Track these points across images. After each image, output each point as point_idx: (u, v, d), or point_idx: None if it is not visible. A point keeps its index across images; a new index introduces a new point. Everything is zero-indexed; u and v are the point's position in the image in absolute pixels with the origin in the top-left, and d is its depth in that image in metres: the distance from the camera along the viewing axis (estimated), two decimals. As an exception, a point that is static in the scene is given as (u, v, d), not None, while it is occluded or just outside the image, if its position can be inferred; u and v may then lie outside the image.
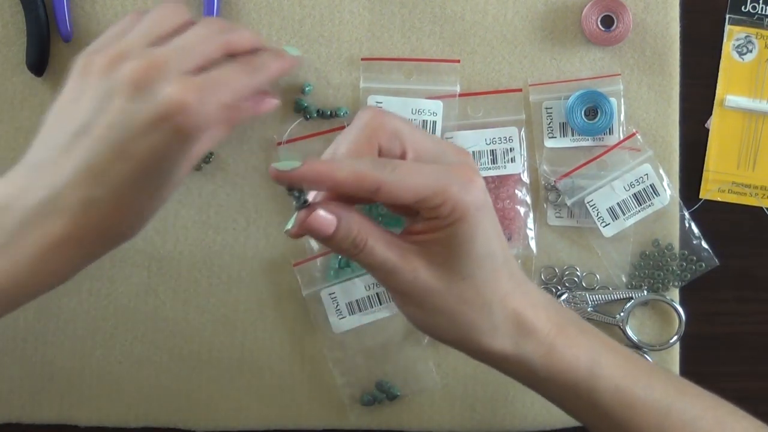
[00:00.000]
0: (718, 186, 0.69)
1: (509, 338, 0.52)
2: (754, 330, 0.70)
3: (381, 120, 0.51)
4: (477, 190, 0.49)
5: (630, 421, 0.52)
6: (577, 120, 0.67)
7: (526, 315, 0.52)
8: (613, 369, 0.53)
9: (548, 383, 0.53)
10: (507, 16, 0.68)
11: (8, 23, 0.67)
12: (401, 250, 0.50)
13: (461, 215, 0.49)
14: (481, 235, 0.50)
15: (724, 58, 0.69)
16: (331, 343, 0.68)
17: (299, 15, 0.68)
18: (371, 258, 0.50)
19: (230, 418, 0.69)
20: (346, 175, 0.48)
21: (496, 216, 0.52)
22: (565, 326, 0.53)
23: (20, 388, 0.68)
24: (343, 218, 0.49)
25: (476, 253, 0.50)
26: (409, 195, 0.48)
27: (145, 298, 0.68)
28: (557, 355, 0.52)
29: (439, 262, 0.50)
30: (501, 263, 0.52)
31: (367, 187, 0.48)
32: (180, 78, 0.50)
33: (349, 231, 0.49)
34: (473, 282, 0.51)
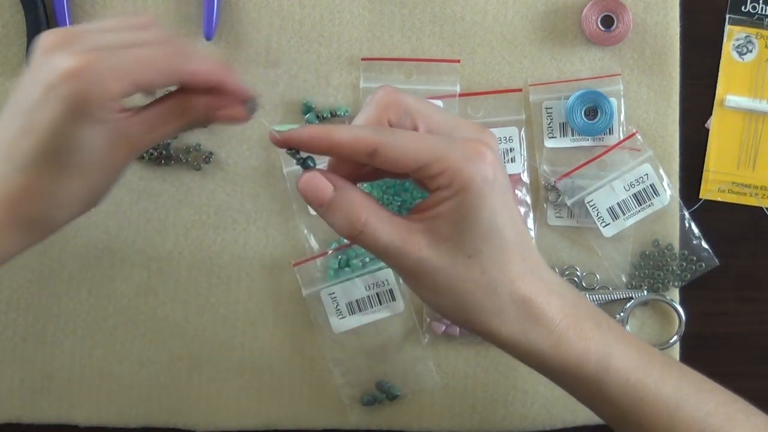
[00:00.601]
0: (718, 186, 0.69)
1: (517, 324, 0.51)
2: (754, 330, 0.70)
3: (393, 97, 0.50)
4: (484, 164, 0.48)
5: (640, 414, 0.52)
6: (577, 120, 0.67)
7: (537, 302, 0.51)
8: (625, 362, 0.52)
9: (558, 373, 0.52)
10: (507, 16, 0.68)
11: (8, 23, 0.67)
12: (404, 230, 0.49)
13: (463, 186, 0.48)
14: (486, 209, 0.48)
15: (724, 58, 0.69)
16: (331, 343, 0.68)
17: (299, 15, 0.68)
18: (373, 240, 0.49)
19: (230, 418, 0.69)
20: (343, 135, 0.48)
21: (511, 197, 0.50)
22: (579, 318, 0.52)
23: (20, 388, 0.68)
24: (341, 188, 0.49)
25: (481, 227, 0.49)
26: (407, 160, 0.48)
27: (145, 298, 0.68)
28: (567, 346, 0.51)
29: (443, 239, 0.49)
30: (512, 244, 0.50)
31: (364, 148, 0.48)
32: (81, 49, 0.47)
33: (346, 204, 0.49)
34: (479, 260, 0.49)
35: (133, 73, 0.48)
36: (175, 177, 0.68)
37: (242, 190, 0.68)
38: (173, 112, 0.51)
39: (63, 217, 0.51)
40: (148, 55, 0.49)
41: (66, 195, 0.50)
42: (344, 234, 0.50)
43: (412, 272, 0.50)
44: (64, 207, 0.50)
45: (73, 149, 0.48)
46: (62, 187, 0.49)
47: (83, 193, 0.50)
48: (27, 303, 0.68)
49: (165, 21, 0.67)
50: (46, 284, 0.68)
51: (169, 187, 0.68)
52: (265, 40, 0.68)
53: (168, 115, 0.51)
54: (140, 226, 0.68)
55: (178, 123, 0.51)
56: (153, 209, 0.68)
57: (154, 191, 0.68)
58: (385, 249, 0.49)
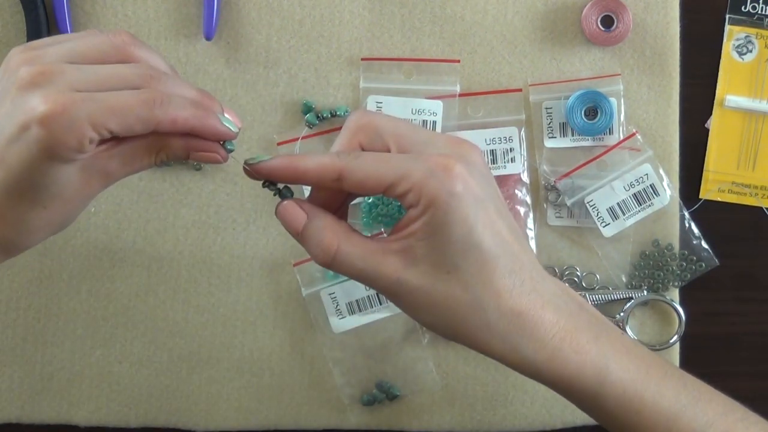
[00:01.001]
0: (718, 186, 0.69)
1: (507, 339, 0.50)
2: (754, 330, 0.70)
3: (363, 120, 0.51)
4: (450, 179, 0.48)
5: (637, 427, 0.52)
6: (577, 120, 0.67)
7: (529, 315, 0.50)
8: (622, 374, 0.51)
9: (553, 386, 0.52)
10: (507, 16, 0.68)
11: (8, 23, 0.67)
12: (379, 253, 0.50)
13: (431, 202, 0.48)
14: (458, 223, 0.48)
15: (724, 58, 0.69)
16: (331, 343, 0.68)
17: (299, 15, 0.68)
18: (347, 265, 0.50)
19: (230, 418, 0.69)
20: (308, 163, 0.49)
21: (494, 209, 0.50)
22: (575, 330, 0.51)
23: (20, 388, 0.68)
24: (313, 217, 0.50)
25: (455, 242, 0.48)
26: (372, 182, 0.48)
27: (145, 298, 0.68)
28: (561, 360, 0.51)
29: (420, 258, 0.49)
30: (493, 257, 0.49)
31: (329, 174, 0.48)
32: (58, 89, 0.46)
33: (317, 231, 0.49)
34: (459, 276, 0.49)
35: (108, 121, 0.47)
36: (175, 177, 0.68)
37: (242, 190, 0.68)
38: (150, 149, 0.50)
39: (33, 240, 0.50)
40: (126, 102, 0.47)
41: (37, 223, 0.49)
42: (319, 261, 0.50)
43: (392, 293, 0.50)
44: (35, 232, 0.50)
45: (45, 185, 0.48)
46: (34, 216, 0.49)
47: (54, 221, 0.50)
48: (27, 303, 0.68)
49: (165, 21, 0.68)
50: (46, 284, 0.68)
51: (169, 187, 0.68)
52: (265, 40, 0.68)
53: (144, 152, 0.50)
54: (140, 226, 0.68)
55: (154, 159, 0.50)
56: (153, 209, 0.68)
57: (154, 191, 0.68)
58: (361, 273, 0.50)
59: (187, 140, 0.50)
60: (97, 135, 0.47)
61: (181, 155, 0.50)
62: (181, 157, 0.50)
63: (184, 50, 0.68)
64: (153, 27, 0.68)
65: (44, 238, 0.51)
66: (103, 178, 0.50)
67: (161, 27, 0.68)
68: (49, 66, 0.47)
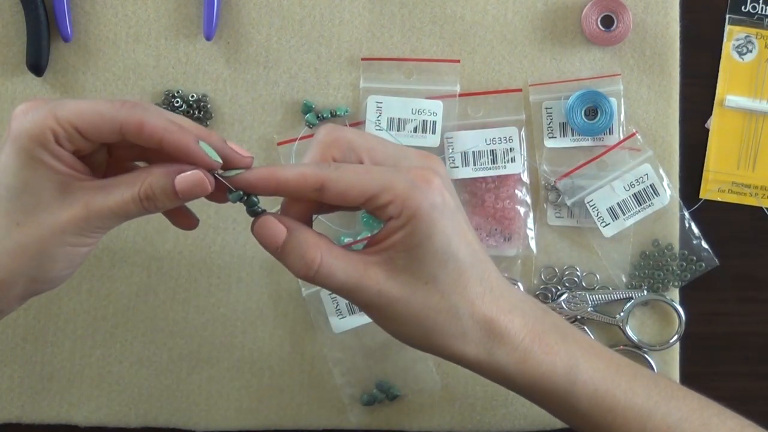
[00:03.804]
0: (718, 186, 0.69)
1: (481, 344, 0.51)
2: (754, 330, 0.70)
3: (334, 135, 0.51)
4: (431, 191, 0.49)
5: (611, 425, 0.52)
6: (577, 120, 0.67)
7: (498, 321, 0.51)
8: (593, 373, 0.52)
9: (526, 390, 0.52)
10: (507, 16, 0.68)
11: (8, 23, 0.67)
12: (360, 265, 0.50)
13: (413, 213, 0.48)
14: (438, 234, 0.49)
15: (724, 58, 0.69)
16: (331, 343, 0.68)
17: (299, 15, 0.68)
18: (329, 278, 0.50)
19: (230, 418, 0.69)
20: (288, 174, 0.49)
21: (464, 220, 0.51)
22: (543, 333, 0.52)
23: (20, 388, 0.68)
24: (293, 230, 0.50)
25: (434, 253, 0.49)
26: (354, 193, 0.48)
27: (145, 298, 0.68)
28: (533, 362, 0.51)
29: (400, 269, 0.50)
30: (468, 266, 0.50)
31: (311, 184, 0.48)
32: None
33: (300, 244, 0.49)
34: (437, 286, 0.50)
35: (72, 115, 0.47)
36: (175, 177, 0.68)
37: (242, 190, 0.68)
38: (131, 179, 0.49)
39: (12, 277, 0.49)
40: (94, 104, 0.48)
41: (13, 246, 0.48)
42: (300, 275, 0.50)
43: (372, 305, 0.51)
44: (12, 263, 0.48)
45: (20, 193, 0.48)
46: (9, 236, 0.48)
47: (31, 250, 0.48)
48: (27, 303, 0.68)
49: (165, 21, 0.68)
50: (46, 284, 0.68)
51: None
52: (265, 40, 0.68)
53: (125, 183, 0.49)
54: (140, 226, 0.68)
55: (138, 194, 0.49)
56: (153, 209, 0.68)
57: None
58: (343, 285, 0.50)
59: (170, 168, 0.49)
60: (61, 129, 0.47)
61: (166, 188, 0.49)
62: (168, 195, 0.49)
63: (184, 50, 0.68)
64: (153, 27, 0.68)
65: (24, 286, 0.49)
66: (82, 212, 0.48)
67: (161, 27, 0.68)
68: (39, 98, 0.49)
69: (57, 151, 0.48)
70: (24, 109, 0.48)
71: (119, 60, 0.68)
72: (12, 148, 0.48)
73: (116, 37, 0.68)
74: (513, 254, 0.68)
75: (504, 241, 0.68)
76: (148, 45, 0.68)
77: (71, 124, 0.47)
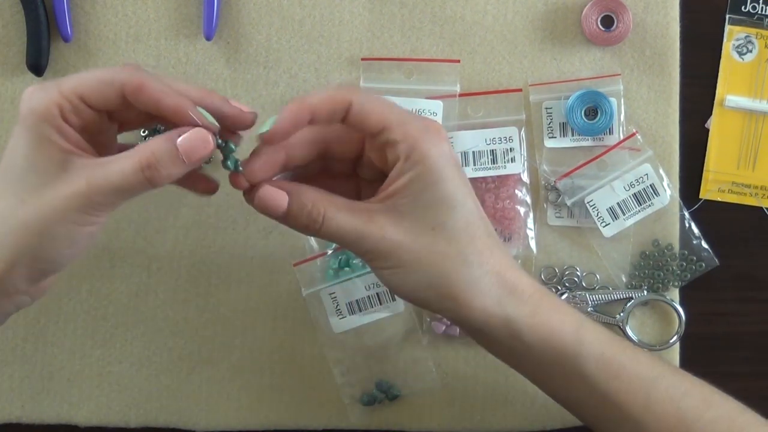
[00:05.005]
0: (718, 186, 0.69)
1: (492, 294, 0.51)
2: (754, 330, 0.70)
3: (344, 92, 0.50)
4: (441, 142, 0.50)
5: (617, 392, 0.52)
6: (577, 120, 0.67)
7: (507, 274, 0.51)
8: (599, 335, 0.52)
9: (533, 350, 0.52)
10: (507, 16, 0.68)
11: (8, 23, 0.67)
12: (365, 214, 0.50)
13: (422, 157, 0.49)
14: (446, 181, 0.49)
15: (724, 58, 0.69)
16: (331, 343, 0.68)
17: (299, 15, 0.68)
18: (335, 229, 0.50)
19: (230, 418, 0.69)
20: (318, 99, 0.49)
21: (467, 180, 0.51)
22: (547, 293, 0.53)
23: (20, 388, 0.68)
24: (294, 192, 0.50)
25: (442, 199, 0.49)
26: (374, 118, 0.49)
27: (145, 298, 0.68)
28: (543, 317, 0.51)
29: (405, 214, 0.49)
30: (475, 217, 0.51)
31: (341, 103, 0.49)
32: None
33: (303, 204, 0.50)
34: (444, 232, 0.50)
35: (77, 85, 0.49)
36: (175, 177, 0.68)
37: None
38: (132, 152, 0.49)
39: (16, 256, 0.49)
40: (96, 69, 0.50)
41: (17, 224, 0.48)
42: (306, 230, 0.50)
43: (378, 253, 0.50)
44: (17, 240, 0.49)
45: (25, 171, 0.49)
46: (14, 213, 0.49)
47: (35, 227, 0.48)
48: (27, 303, 0.68)
49: (165, 21, 0.68)
50: (46, 284, 0.68)
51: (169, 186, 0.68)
52: (265, 40, 0.68)
53: (126, 155, 0.49)
54: (140, 226, 0.68)
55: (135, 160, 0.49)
56: (153, 209, 0.68)
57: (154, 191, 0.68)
58: (348, 235, 0.50)
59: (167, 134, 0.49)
60: (66, 102, 0.48)
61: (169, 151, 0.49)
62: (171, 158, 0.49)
63: (184, 50, 0.68)
64: (153, 27, 0.68)
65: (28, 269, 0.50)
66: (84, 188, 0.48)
67: (161, 27, 0.68)
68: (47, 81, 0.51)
69: (62, 127, 0.49)
70: (32, 90, 0.49)
71: (119, 60, 0.68)
72: (20, 129, 0.49)
73: (116, 37, 0.68)
74: (513, 254, 0.68)
75: (504, 241, 0.68)
76: (148, 45, 0.68)
77: (75, 94, 0.49)
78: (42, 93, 0.49)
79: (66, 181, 0.48)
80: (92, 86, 0.49)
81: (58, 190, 0.48)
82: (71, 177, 0.49)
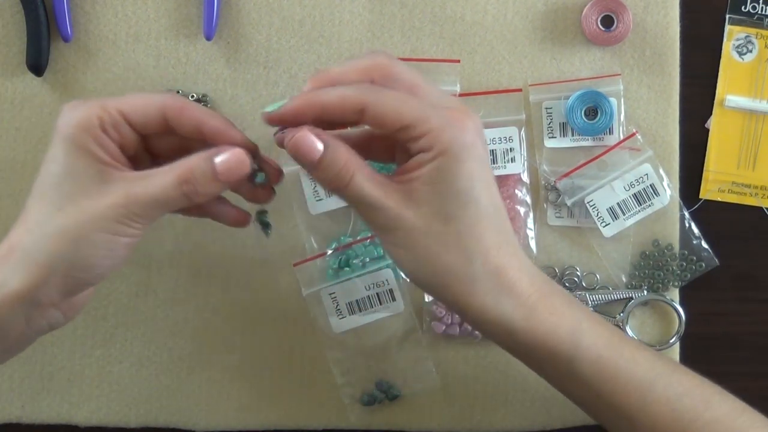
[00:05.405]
0: (718, 186, 0.69)
1: (489, 293, 0.51)
2: (754, 330, 0.70)
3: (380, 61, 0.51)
4: (464, 131, 0.50)
5: (612, 393, 0.52)
6: (577, 120, 0.67)
7: (509, 274, 0.51)
8: (596, 339, 0.52)
9: (528, 349, 0.52)
10: (507, 16, 0.68)
11: (8, 23, 0.67)
12: (387, 188, 0.50)
13: (442, 149, 0.49)
14: (464, 176, 0.50)
15: (724, 58, 0.69)
16: (331, 343, 0.68)
17: (299, 15, 0.68)
18: (356, 192, 0.50)
19: (230, 418, 0.69)
20: (331, 97, 0.49)
21: (490, 171, 0.52)
22: (550, 294, 0.52)
23: (20, 388, 0.68)
24: (331, 145, 0.50)
25: (457, 193, 0.50)
26: (391, 118, 0.49)
27: (145, 298, 0.68)
28: (538, 319, 0.51)
29: (421, 202, 0.50)
30: (487, 214, 0.51)
31: (352, 106, 0.49)
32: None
33: (336, 159, 0.50)
34: (455, 227, 0.50)
35: (119, 102, 0.51)
36: (175, 177, 0.68)
37: (242, 190, 0.68)
38: (170, 167, 0.51)
39: (53, 262, 0.50)
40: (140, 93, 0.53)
41: (53, 230, 0.49)
42: (330, 186, 0.51)
43: (390, 228, 0.51)
44: (53, 247, 0.49)
45: (63, 180, 0.50)
46: (51, 220, 0.50)
47: (70, 234, 0.49)
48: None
49: (165, 21, 0.68)
50: (46, 284, 0.68)
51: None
52: (265, 40, 0.68)
53: (165, 170, 0.51)
54: (140, 226, 0.68)
55: (174, 175, 0.50)
56: (153, 209, 0.68)
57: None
58: (369, 203, 0.50)
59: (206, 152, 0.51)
60: (107, 115, 0.50)
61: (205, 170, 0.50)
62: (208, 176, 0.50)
63: (184, 50, 0.68)
64: (153, 27, 0.68)
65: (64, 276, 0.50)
66: (122, 199, 0.50)
67: (161, 27, 0.68)
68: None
69: (101, 138, 0.50)
70: (72, 104, 0.51)
71: (119, 60, 0.68)
72: (58, 138, 0.50)
73: (116, 37, 0.68)
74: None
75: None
76: (148, 45, 0.68)
77: (118, 110, 0.50)
78: (83, 106, 0.50)
79: (104, 191, 0.50)
80: (134, 105, 0.51)
81: (97, 199, 0.50)
82: (110, 187, 0.50)
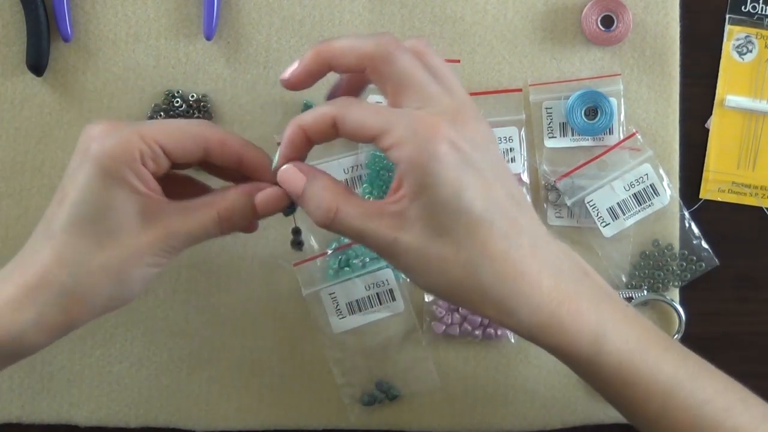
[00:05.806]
0: (718, 186, 0.69)
1: (502, 303, 0.49)
2: (754, 330, 0.70)
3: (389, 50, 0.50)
4: (432, 141, 0.47)
5: (632, 399, 0.51)
6: (577, 120, 0.67)
7: (524, 280, 0.49)
8: (620, 344, 0.51)
9: (550, 350, 0.51)
10: (507, 16, 0.68)
11: (8, 23, 0.67)
12: (377, 214, 0.50)
13: (412, 162, 0.47)
14: (442, 186, 0.47)
15: (724, 58, 0.69)
16: (331, 343, 0.68)
17: (299, 15, 0.68)
18: (346, 225, 0.50)
19: (230, 418, 0.69)
20: (309, 120, 0.50)
21: (489, 172, 0.49)
22: (575, 296, 0.50)
23: (20, 388, 0.68)
24: (312, 178, 0.51)
25: (443, 204, 0.47)
26: (361, 131, 0.49)
27: (145, 298, 0.68)
28: (557, 326, 0.50)
29: (414, 219, 0.48)
30: (485, 221, 0.48)
31: (327, 123, 0.50)
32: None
33: (318, 192, 0.50)
34: (451, 239, 0.48)
35: (158, 134, 0.51)
36: (175, 177, 0.68)
37: (242, 190, 0.68)
38: (209, 202, 0.53)
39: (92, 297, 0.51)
40: (177, 122, 0.52)
41: (96, 268, 0.51)
42: (319, 221, 0.50)
43: (389, 254, 0.50)
44: (94, 283, 0.51)
45: (102, 214, 0.50)
46: (92, 257, 0.50)
47: (113, 271, 0.51)
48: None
49: (165, 21, 0.68)
50: (46, 284, 0.68)
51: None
52: (265, 40, 0.68)
53: (204, 205, 0.52)
54: (140, 226, 0.68)
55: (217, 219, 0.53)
56: (153, 209, 0.68)
57: (154, 191, 0.68)
58: (360, 233, 0.50)
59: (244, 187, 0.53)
60: (147, 148, 0.50)
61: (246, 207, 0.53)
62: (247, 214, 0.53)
63: (184, 50, 0.68)
64: (153, 27, 0.68)
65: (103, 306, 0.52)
66: (164, 230, 0.51)
67: (161, 27, 0.68)
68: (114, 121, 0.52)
69: (141, 171, 0.50)
70: (103, 130, 0.51)
71: (119, 60, 0.68)
72: (93, 169, 0.50)
73: (116, 37, 0.68)
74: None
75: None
76: (148, 45, 0.68)
77: (157, 142, 0.50)
78: (119, 135, 0.50)
79: (145, 228, 0.51)
80: (173, 137, 0.51)
81: (137, 236, 0.51)
82: (150, 223, 0.51)
